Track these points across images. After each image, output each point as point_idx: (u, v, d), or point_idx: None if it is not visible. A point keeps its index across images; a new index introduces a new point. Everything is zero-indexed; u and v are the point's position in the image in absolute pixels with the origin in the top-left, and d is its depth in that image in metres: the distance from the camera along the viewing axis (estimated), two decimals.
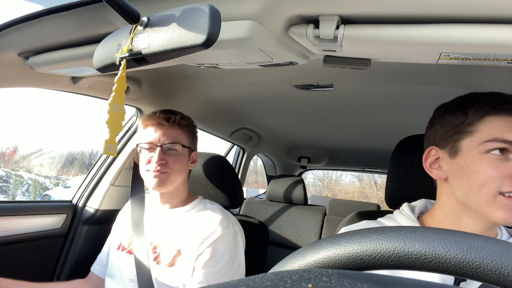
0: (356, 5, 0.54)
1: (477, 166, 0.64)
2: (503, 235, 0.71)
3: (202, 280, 0.95)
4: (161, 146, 1.02)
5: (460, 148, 0.68)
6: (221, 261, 0.98)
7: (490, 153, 0.63)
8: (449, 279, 0.63)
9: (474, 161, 0.65)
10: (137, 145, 1.07)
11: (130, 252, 1.06)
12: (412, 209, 0.78)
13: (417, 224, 0.73)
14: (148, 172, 1.03)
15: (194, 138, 1.16)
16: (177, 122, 1.06)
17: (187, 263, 0.97)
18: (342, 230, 0.80)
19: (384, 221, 0.79)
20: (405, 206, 0.79)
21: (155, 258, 1.01)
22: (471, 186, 0.64)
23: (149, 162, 1.03)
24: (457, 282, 0.63)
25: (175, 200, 1.10)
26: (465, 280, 0.63)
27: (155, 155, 1.01)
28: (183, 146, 1.07)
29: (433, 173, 0.72)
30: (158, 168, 1.01)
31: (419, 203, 0.80)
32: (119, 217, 1.20)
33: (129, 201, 1.19)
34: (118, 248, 1.10)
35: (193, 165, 1.15)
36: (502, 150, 0.63)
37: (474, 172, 0.64)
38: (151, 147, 1.04)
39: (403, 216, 0.76)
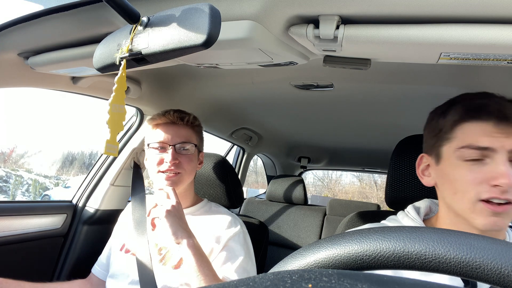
0: (356, 5, 0.54)
1: (456, 173, 0.64)
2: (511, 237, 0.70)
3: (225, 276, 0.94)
4: (174, 145, 1.01)
5: (441, 154, 0.68)
6: (239, 256, 0.97)
7: (466, 160, 0.63)
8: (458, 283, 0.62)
9: (453, 167, 0.65)
10: (148, 145, 1.05)
11: (134, 254, 1.04)
12: (417, 211, 0.76)
13: None
14: (160, 174, 1.00)
15: (202, 139, 1.15)
16: (191, 122, 1.06)
17: None
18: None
19: (389, 224, 0.77)
20: (410, 209, 0.77)
21: (161, 260, 1.00)
22: (454, 192, 0.65)
23: (161, 162, 1.01)
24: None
25: (182, 202, 1.08)
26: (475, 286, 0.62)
27: (168, 155, 0.99)
28: (195, 145, 1.06)
29: (424, 180, 0.73)
30: (172, 168, 0.99)
31: (423, 204, 0.78)
32: (121, 219, 1.20)
33: (130, 201, 1.18)
34: (121, 250, 1.08)
35: (200, 166, 1.14)
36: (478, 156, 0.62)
37: (454, 179, 0.64)
38: (163, 146, 1.02)
39: (409, 220, 0.74)
